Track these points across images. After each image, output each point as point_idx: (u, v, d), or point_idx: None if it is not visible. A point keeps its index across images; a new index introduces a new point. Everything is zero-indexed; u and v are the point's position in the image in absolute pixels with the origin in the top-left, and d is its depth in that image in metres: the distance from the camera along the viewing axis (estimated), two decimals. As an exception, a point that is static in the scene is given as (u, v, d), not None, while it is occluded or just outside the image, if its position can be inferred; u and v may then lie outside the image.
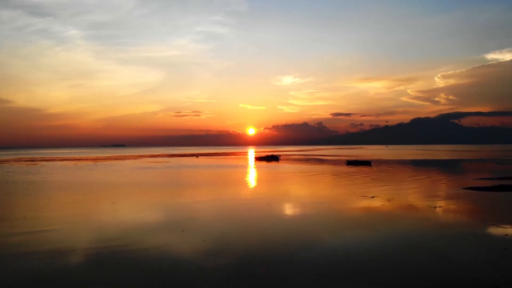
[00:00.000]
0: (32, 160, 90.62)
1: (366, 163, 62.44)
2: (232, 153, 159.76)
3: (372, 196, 23.89)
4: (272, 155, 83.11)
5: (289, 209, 19.85)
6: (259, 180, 36.56)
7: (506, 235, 13.76)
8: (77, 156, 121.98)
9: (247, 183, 32.95)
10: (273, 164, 66.75)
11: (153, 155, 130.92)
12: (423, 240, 13.26)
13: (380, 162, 67.67)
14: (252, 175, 42.56)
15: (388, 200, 22.33)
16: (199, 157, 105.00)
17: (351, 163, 63.52)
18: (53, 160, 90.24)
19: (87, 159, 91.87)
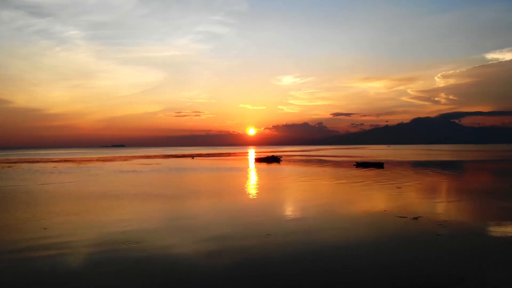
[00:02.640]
0: (15, 162, 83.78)
1: (378, 165, 55.67)
2: (231, 153, 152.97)
3: (415, 217, 17.06)
4: (273, 156, 76.43)
5: (299, 246, 12.99)
6: (256, 188, 29.76)
7: None
8: (67, 157, 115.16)
9: (240, 195, 26.11)
10: (274, 166, 60.02)
11: (148, 155, 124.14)
12: None
13: (392, 164, 60.93)
14: (248, 181, 35.77)
15: (441, 224, 15.50)
16: (194, 158, 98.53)
17: (361, 165, 56.76)
18: (37, 162, 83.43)
19: (73, 161, 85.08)
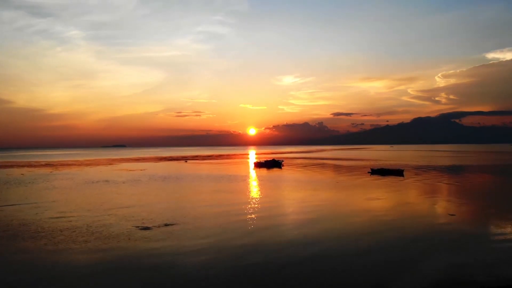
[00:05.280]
0: (-11, 166, 75.72)
1: (396, 172, 47.47)
2: (230, 155, 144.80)
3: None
4: (273, 160, 68.09)
5: None
6: (250, 213, 21.47)
7: None
8: (51, 160, 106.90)
9: (221, 230, 17.84)
10: (275, 172, 51.79)
11: (139, 158, 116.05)
12: None
13: (411, 170, 52.63)
14: (241, 199, 27.48)
15: None
16: (188, 161, 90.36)
17: (377, 172, 48.58)
18: (11, 166, 75.15)
19: (52, 165, 76.76)
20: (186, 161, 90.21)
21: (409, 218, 19.39)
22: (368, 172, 49.29)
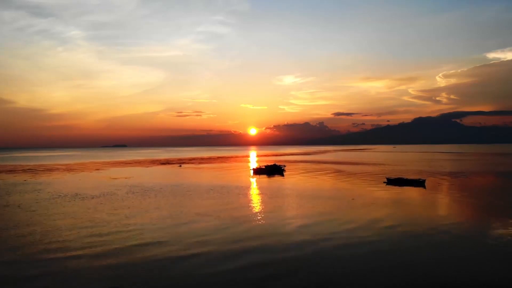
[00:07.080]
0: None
1: (416, 183, 41.29)
2: (228, 157, 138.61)
3: None
4: (274, 166, 61.83)
5: None
6: (242, 273, 15.11)
7: None
8: (38, 163, 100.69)
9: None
10: (276, 181, 45.44)
11: (131, 161, 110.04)
12: None
13: (429, 177, 46.20)
14: (231, 232, 21.14)
15: None
16: (182, 166, 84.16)
17: (393, 182, 42.53)
18: (-10, 171, 68.94)
19: (34, 171, 70.50)
20: (180, 166, 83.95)
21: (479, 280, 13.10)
22: (384, 182, 43.06)
